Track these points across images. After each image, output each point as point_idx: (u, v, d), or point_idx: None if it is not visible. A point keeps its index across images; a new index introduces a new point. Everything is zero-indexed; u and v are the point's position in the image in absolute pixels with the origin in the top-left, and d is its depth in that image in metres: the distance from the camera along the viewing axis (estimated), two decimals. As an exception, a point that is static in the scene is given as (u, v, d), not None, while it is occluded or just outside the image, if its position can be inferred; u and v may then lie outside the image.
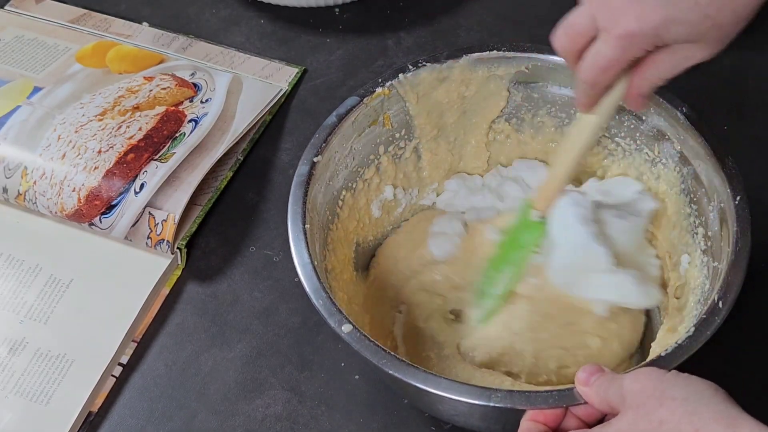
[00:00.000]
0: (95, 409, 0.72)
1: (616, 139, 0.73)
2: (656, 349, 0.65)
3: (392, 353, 0.58)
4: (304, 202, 0.65)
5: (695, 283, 0.66)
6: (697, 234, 0.68)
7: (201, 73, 0.91)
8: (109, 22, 0.99)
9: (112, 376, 0.74)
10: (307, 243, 0.63)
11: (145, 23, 0.99)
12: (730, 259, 0.60)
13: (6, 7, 1.00)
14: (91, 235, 0.81)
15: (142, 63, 0.92)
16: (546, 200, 0.67)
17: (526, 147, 0.78)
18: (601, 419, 0.55)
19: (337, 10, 0.98)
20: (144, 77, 0.90)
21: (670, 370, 0.52)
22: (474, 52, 0.72)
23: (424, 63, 0.71)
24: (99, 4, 1.01)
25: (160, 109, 0.86)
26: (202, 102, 0.87)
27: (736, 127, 0.85)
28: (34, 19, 0.98)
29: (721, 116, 0.85)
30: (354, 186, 0.72)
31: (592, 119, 0.62)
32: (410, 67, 0.71)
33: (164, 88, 0.88)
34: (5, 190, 0.83)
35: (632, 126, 0.72)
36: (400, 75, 0.71)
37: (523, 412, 0.55)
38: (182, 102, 0.87)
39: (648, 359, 0.57)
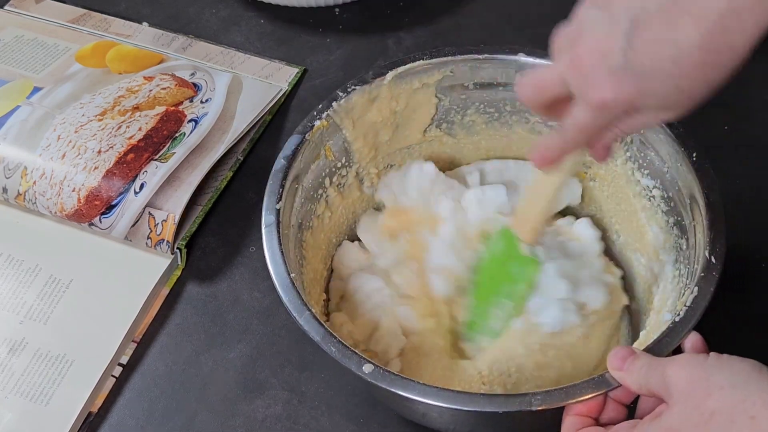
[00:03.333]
0: (95, 409, 0.72)
1: (549, 123, 0.74)
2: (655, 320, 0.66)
3: (419, 381, 0.56)
4: (282, 252, 0.64)
5: (668, 245, 0.68)
6: (654, 197, 0.69)
7: (201, 73, 0.91)
8: (109, 22, 0.99)
9: (112, 376, 0.74)
10: (298, 292, 0.62)
11: (145, 23, 0.99)
12: (706, 214, 0.61)
13: (6, 7, 1.00)
14: (91, 235, 0.81)
15: (142, 63, 0.92)
16: (533, 232, 0.66)
17: (462, 149, 0.78)
18: (636, 398, 0.55)
19: (337, 10, 0.98)
20: (144, 77, 0.90)
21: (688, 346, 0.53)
22: (398, 67, 0.72)
23: (353, 87, 0.71)
24: (99, 4, 1.01)
25: (160, 109, 0.86)
26: (202, 102, 0.87)
27: (736, 127, 0.85)
28: (34, 19, 0.98)
29: (721, 116, 0.85)
30: (311, 225, 0.72)
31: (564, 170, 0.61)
32: (341, 94, 0.71)
33: (164, 88, 0.88)
34: (5, 190, 0.83)
35: None
36: (334, 104, 0.71)
37: (554, 411, 0.55)
38: (182, 102, 0.87)
39: (665, 329, 0.57)
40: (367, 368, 0.57)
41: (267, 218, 0.65)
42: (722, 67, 0.48)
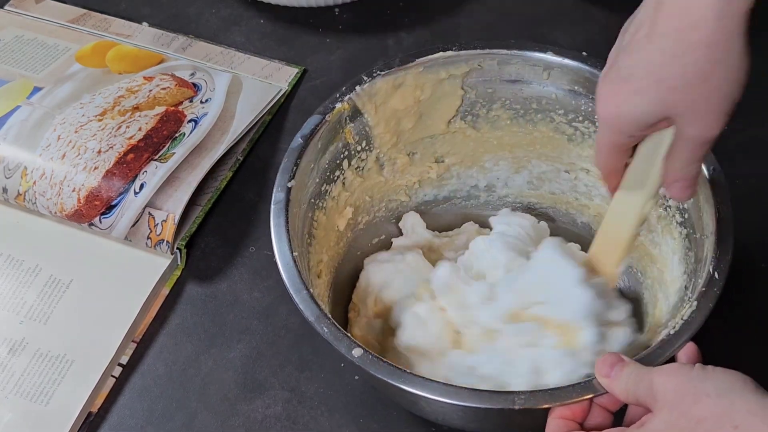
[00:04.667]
0: (95, 409, 0.72)
1: (574, 123, 0.74)
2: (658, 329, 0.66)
3: (406, 370, 0.57)
4: (288, 229, 0.64)
5: (680, 256, 0.67)
6: (670, 207, 0.69)
7: (201, 73, 0.91)
8: (109, 22, 0.99)
9: (112, 376, 0.74)
10: (299, 271, 0.62)
11: (144, 23, 0.99)
12: (715, 229, 0.61)
13: (6, 7, 1.00)
14: (91, 236, 0.81)
15: (142, 63, 0.92)
16: (614, 265, 0.65)
17: (485, 143, 0.78)
18: (624, 406, 0.55)
19: (337, 10, 0.98)
20: (144, 77, 0.90)
21: (695, 363, 0.53)
22: (425, 56, 0.72)
23: (378, 72, 0.71)
24: (99, 4, 1.01)
25: (160, 109, 0.86)
26: (201, 102, 0.87)
27: (736, 127, 0.85)
28: (34, 19, 0.98)
29: (721, 116, 0.85)
30: (324, 205, 0.72)
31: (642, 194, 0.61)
32: (365, 78, 0.71)
33: (164, 88, 0.88)
34: (5, 190, 0.83)
35: (590, 109, 0.72)
36: (357, 87, 0.71)
37: (541, 410, 0.55)
38: (182, 102, 0.87)
39: (659, 339, 0.57)
40: (357, 352, 0.57)
41: (277, 195, 0.66)
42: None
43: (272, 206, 0.65)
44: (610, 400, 0.55)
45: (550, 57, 0.71)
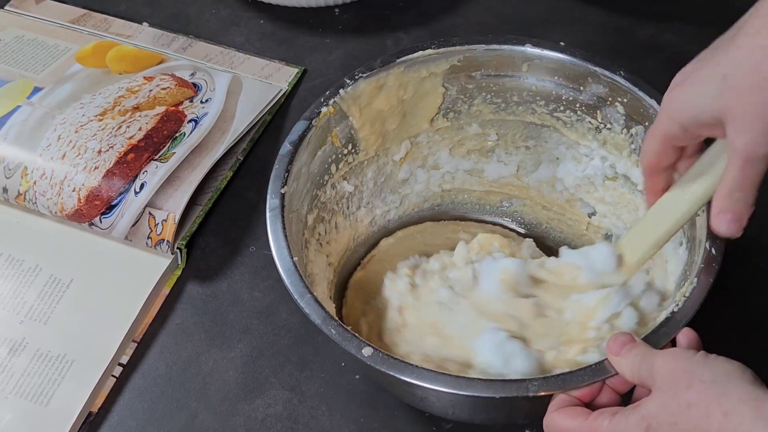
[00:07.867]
0: (95, 409, 0.73)
1: (555, 114, 0.74)
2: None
3: (417, 365, 0.57)
4: (286, 235, 0.64)
5: (674, 238, 0.67)
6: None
7: (201, 73, 0.91)
8: (109, 23, 0.99)
9: (112, 376, 0.74)
10: (300, 275, 0.62)
11: (145, 23, 0.99)
12: (709, 208, 0.61)
13: (6, 7, 1.00)
14: (91, 235, 0.81)
15: (142, 63, 0.92)
16: (639, 262, 0.65)
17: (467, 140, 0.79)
18: (633, 387, 0.56)
19: (336, 10, 0.98)
20: (144, 77, 0.90)
21: (697, 350, 0.53)
22: (406, 55, 0.72)
23: (361, 75, 0.72)
24: (99, 4, 1.01)
25: (160, 109, 0.86)
26: (202, 102, 0.87)
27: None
28: (34, 19, 0.99)
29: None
30: (316, 209, 0.72)
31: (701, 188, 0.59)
32: (348, 81, 0.71)
33: (164, 88, 0.88)
34: (5, 190, 0.83)
35: (570, 98, 0.73)
36: (341, 91, 0.71)
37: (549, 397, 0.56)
38: (182, 102, 0.87)
39: (663, 319, 0.57)
40: (367, 351, 0.58)
41: (272, 202, 0.66)
42: None
43: (267, 213, 0.65)
44: (619, 381, 0.56)
45: (528, 49, 0.72)
